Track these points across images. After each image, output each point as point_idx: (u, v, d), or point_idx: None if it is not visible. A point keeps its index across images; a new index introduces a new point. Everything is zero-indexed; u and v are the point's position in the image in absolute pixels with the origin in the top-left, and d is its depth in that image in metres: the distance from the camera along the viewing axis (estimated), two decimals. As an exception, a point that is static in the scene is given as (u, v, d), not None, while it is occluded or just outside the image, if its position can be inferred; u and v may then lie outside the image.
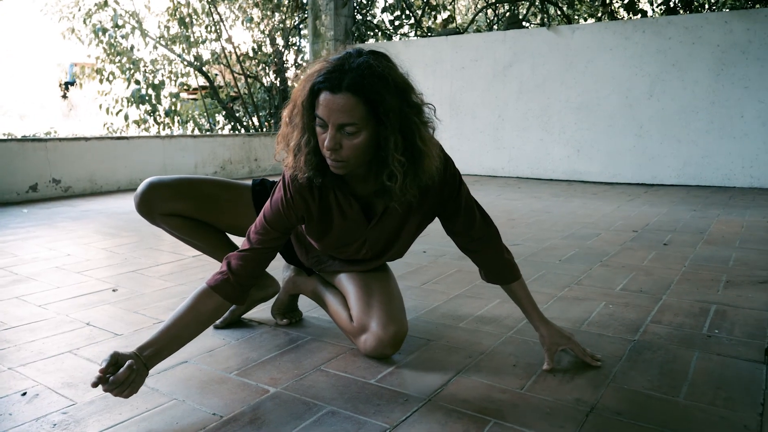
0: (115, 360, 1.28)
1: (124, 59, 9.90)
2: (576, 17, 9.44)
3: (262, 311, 2.13)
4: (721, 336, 1.87)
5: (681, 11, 7.24)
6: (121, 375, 1.25)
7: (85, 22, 10.05)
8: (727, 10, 6.90)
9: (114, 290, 2.45)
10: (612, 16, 8.22)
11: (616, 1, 8.40)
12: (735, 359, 1.69)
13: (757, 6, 6.74)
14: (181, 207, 1.80)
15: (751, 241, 3.37)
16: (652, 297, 2.31)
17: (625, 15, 7.99)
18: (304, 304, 2.18)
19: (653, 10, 7.94)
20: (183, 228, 1.84)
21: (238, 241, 2.06)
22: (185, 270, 2.78)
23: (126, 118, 9.93)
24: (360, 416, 1.36)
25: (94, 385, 1.24)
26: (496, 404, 1.42)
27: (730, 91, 6.15)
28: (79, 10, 10.26)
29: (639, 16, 7.57)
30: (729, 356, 1.71)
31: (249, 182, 1.90)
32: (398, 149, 1.38)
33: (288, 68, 10.70)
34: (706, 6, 7.46)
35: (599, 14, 8.80)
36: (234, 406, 1.41)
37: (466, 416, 1.36)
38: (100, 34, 9.75)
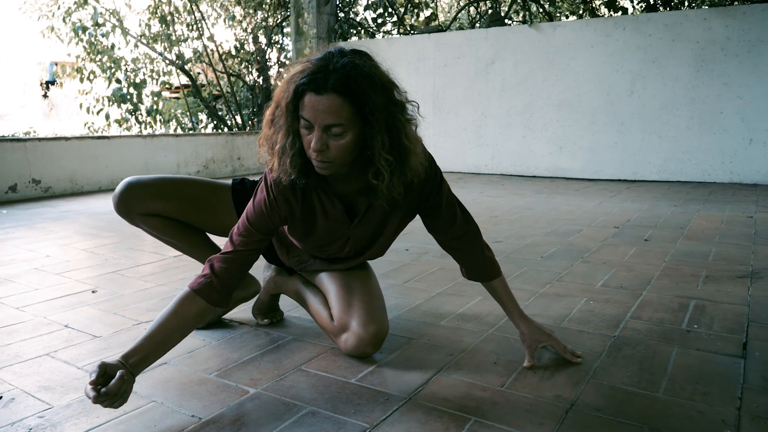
0: (104, 370, 1.26)
1: (105, 58, 9.79)
2: (557, 14, 9.48)
3: (243, 311, 2.12)
4: (701, 331, 1.89)
5: (661, 8, 7.28)
6: (114, 386, 1.23)
7: (64, 20, 9.92)
8: (706, 7, 6.96)
9: (93, 291, 2.42)
10: (593, 13, 8.26)
11: (598, -1, 8.45)
12: (714, 354, 1.71)
13: (735, 3, 6.80)
14: (159, 207, 1.78)
15: (731, 236, 3.40)
16: (633, 293, 2.33)
17: (606, 12, 8.03)
18: (286, 303, 2.17)
19: (633, 7, 7.98)
20: (162, 228, 1.82)
21: (218, 240, 2.05)
22: (166, 270, 2.76)
23: (107, 117, 9.82)
24: (340, 416, 1.35)
25: (95, 400, 1.21)
26: (477, 402, 1.42)
27: (710, 88, 6.21)
28: (59, 8, 10.13)
29: (620, 13, 7.61)
30: (708, 351, 1.73)
31: (229, 181, 1.88)
32: (385, 148, 1.37)
33: (271, 66, 10.64)
34: (686, 3, 7.51)
35: (580, 11, 8.84)
36: (213, 408, 1.40)
37: (447, 414, 1.36)
38: (80, 32, 9.64)
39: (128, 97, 9.81)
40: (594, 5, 8.41)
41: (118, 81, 9.84)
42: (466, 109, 7.72)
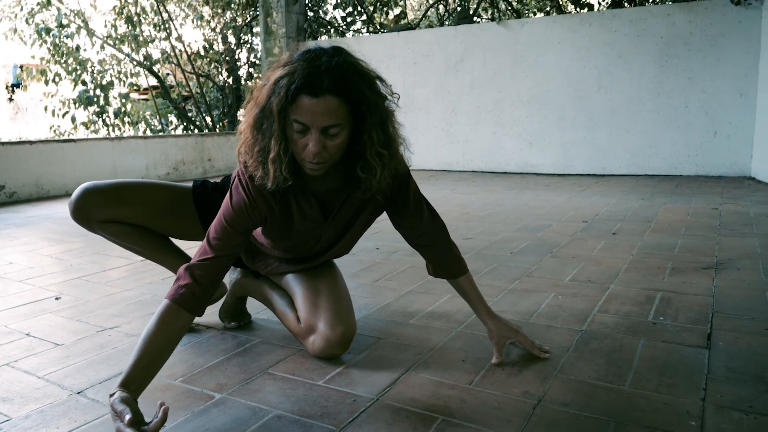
0: (130, 405, 1.19)
1: (70, 60, 9.63)
2: (525, 11, 9.54)
3: (209, 315, 2.09)
4: (666, 323, 1.91)
5: (626, 4, 7.38)
6: (159, 425, 1.15)
7: (27, 21, 9.74)
8: (670, 2, 7.06)
9: (57, 298, 2.37)
10: (560, 9, 8.33)
11: (564, -5, 8.52)
12: (679, 345, 1.72)
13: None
14: (119, 213, 1.73)
15: (697, 228, 3.45)
16: (600, 286, 2.34)
17: (573, 8, 8.10)
18: (253, 306, 2.15)
19: (599, 3, 8.07)
20: (123, 234, 1.78)
21: (181, 244, 2.02)
22: (132, 275, 2.71)
23: (73, 120, 9.65)
24: (306, 419, 1.34)
25: None
26: (444, 401, 1.42)
27: (675, 82, 6.31)
28: (21, 9, 9.94)
29: (586, 9, 7.69)
30: (673, 343, 1.74)
31: (189, 184, 1.85)
32: (380, 142, 1.37)
33: (240, 66, 10.55)
34: (650, -1, 7.62)
35: (548, 8, 8.91)
36: (177, 415, 1.37)
37: (414, 414, 1.35)
38: (44, 34, 9.46)
39: (95, 99, 9.66)
40: (561, 2, 8.48)
41: (84, 83, 9.69)
42: (437, 106, 7.74)
